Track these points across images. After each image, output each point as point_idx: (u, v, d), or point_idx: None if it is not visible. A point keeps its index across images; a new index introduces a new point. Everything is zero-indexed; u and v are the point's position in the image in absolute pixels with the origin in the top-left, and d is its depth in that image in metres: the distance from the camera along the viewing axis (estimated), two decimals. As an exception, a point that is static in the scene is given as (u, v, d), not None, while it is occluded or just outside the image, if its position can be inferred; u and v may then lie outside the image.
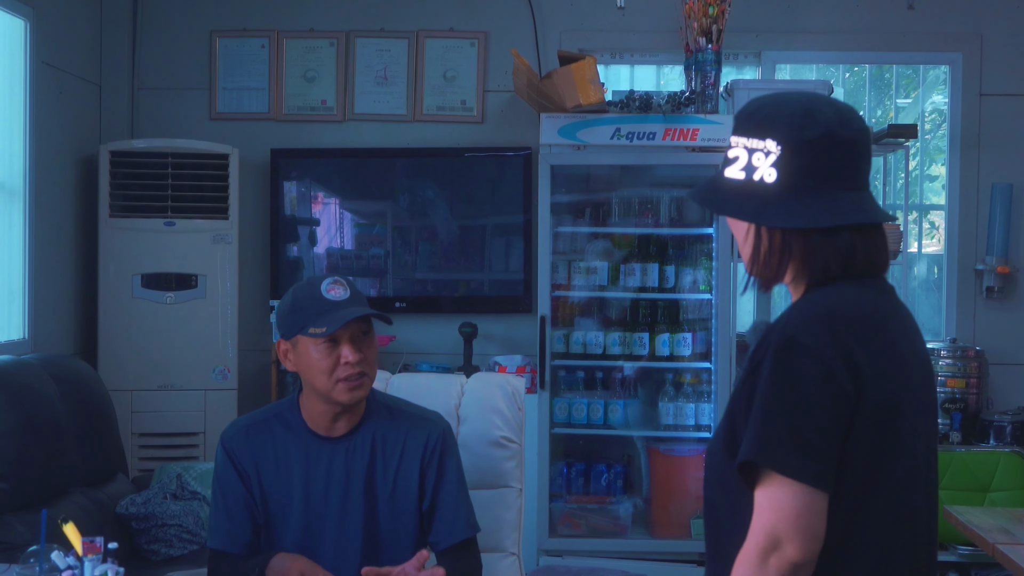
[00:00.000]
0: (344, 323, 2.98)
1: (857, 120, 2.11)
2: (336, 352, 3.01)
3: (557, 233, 6.03)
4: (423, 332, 6.27)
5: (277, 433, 3.15)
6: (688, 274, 5.99)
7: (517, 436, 3.77)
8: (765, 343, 2.02)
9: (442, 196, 6.38)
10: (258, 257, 6.40)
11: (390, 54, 6.44)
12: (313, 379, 3.05)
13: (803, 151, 2.04)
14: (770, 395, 1.95)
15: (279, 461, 3.12)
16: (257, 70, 6.49)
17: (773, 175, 2.05)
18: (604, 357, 6.00)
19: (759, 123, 2.09)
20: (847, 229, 2.05)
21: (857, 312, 2.02)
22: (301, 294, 3.08)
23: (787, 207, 2.04)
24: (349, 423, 3.13)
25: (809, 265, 2.06)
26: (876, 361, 1.98)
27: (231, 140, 6.13)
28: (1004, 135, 6.31)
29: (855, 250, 2.05)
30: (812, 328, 1.97)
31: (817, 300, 2.04)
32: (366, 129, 6.46)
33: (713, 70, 5.80)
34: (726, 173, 2.12)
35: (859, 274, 2.07)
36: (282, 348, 3.13)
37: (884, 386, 1.98)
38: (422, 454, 3.15)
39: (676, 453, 5.91)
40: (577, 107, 5.61)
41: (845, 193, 2.06)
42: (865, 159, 2.11)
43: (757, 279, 2.13)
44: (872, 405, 1.95)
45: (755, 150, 2.07)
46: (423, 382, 3.96)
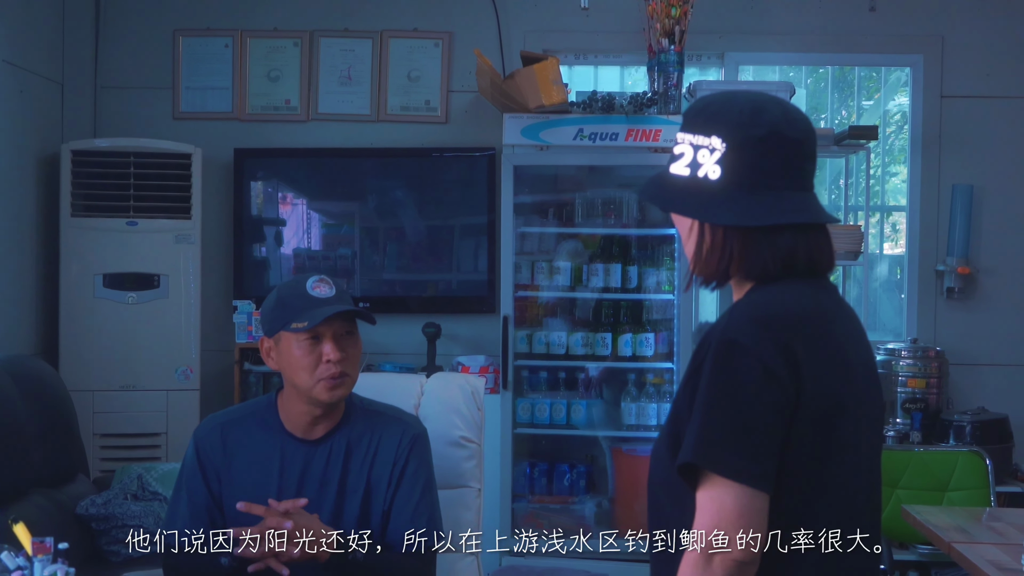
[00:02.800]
0: (326, 317, 2.96)
1: (803, 121, 2.11)
2: (318, 349, 3.00)
3: (521, 233, 6.02)
4: (387, 332, 6.20)
5: (253, 432, 3.13)
6: (651, 274, 5.98)
7: (476, 436, 3.76)
8: (706, 344, 2.02)
9: (408, 196, 6.36)
10: (221, 257, 6.37)
11: (354, 54, 6.42)
12: (294, 376, 3.03)
13: (748, 149, 2.04)
14: (710, 396, 1.95)
15: (252, 460, 3.09)
16: (221, 69, 6.45)
17: (717, 172, 2.04)
18: (567, 357, 5.99)
19: (706, 120, 2.09)
20: (789, 229, 2.04)
21: (797, 312, 2.02)
22: (286, 291, 3.07)
23: (729, 204, 2.04)
24: (327, 426, 3.11)
25: (749, 264, 2.06)
26: (817, 361, 1.97)
27: (194, 140, 6.09)
28: (965, 136, 6.33)
29: (796, 250, 2.05)
30: (751, 329, 1.97)
31: (757, 300, 2.04)
32: (330, 129, 6.44)
33: (676, 71, 5.79)
34: (672, 169, 2.12)
35: (801, 274, 2.07)
36: (265, 346, 3.11)
37: (825, 386, 1.98)
38: (394, 456, 3.13)
39: (639, 453, 5.89)
40: (540, 107, 5.60)
41: (788, 193, 2.05)
42: (810, 160, 2.11)
43: (700, 277, 2.13)
44: (813, 405, 1.95)
45: (700, 147, 2.07)
46: (383, 382, 3.96)
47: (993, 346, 6.30)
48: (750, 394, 1.93)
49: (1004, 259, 6.35)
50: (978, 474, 5.17)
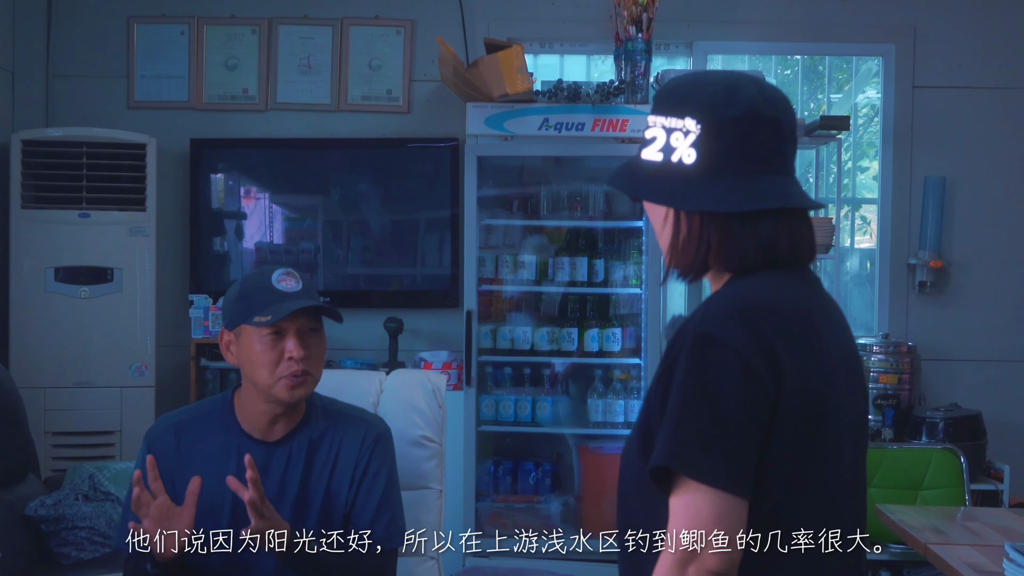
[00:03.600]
0: (291, 312, 2.84)
1: (782, 100, 1.99)
2: (280, 346, 2.87)
3: (486, 226, 5.92)
4: (349, 327, 5.96)
5: (208, 433, 2.99)
6: (618, 268, 5.89)
7: (437, 435, 3.65)
8: (680, 339, 1.89)
9: (371, 189, 6.23)
10: (177, 250, 6.23)
11: (314, 42, 6.28)
12: (254, 373, 2.89)
13: (724, 130, 1.92)
14: (685, 395, 1.83)
15: (209, 463, 2.93)
16: (176, 57, 6.31)
17: (692, 156, 1.93)
18: (532, 353, 5.89)
19: (678, 101, 1.97)
20: (769, 215, 1.93)
21: (778, 304, 1.90)
22: (250, 283, 2.93)
23: (706, 190, 1.92)
24: (287, 426, 2.99)
25: (726, 253, 1.94)
26: (799, 357, 1.85)
27: (149, 129, 5.95)
28: (937, 128, 6.25)
29: (777, 238, 1.93)
30: (729, 322, 1.84)
31: (735, 292, 1.92)
32: (289, 119, 6.30)
33: (643, 60, 5.69)
34: (643, 155, 1.99)
35: (782, 264, 1.95)
36: (224, 339, 2.97)
37: (808, 384, 1.85)
38: (356, 457, 3.01)
39: (606, 451, 5.79)
40: (504, 96, 5.48)
41: (767, 177, 1.94)
42: (790, 142, 1.99)
43: (677, 269, 2.01)
44: (794, 404, 1.83)
45: (673, 129, 1.95)
46: (341, 379, 3.81)
47: (966, 341, 6.22)
48: (727, 392, 1.81)
49: (976, 253, 6.26)
50: (952, 472, 5.10)
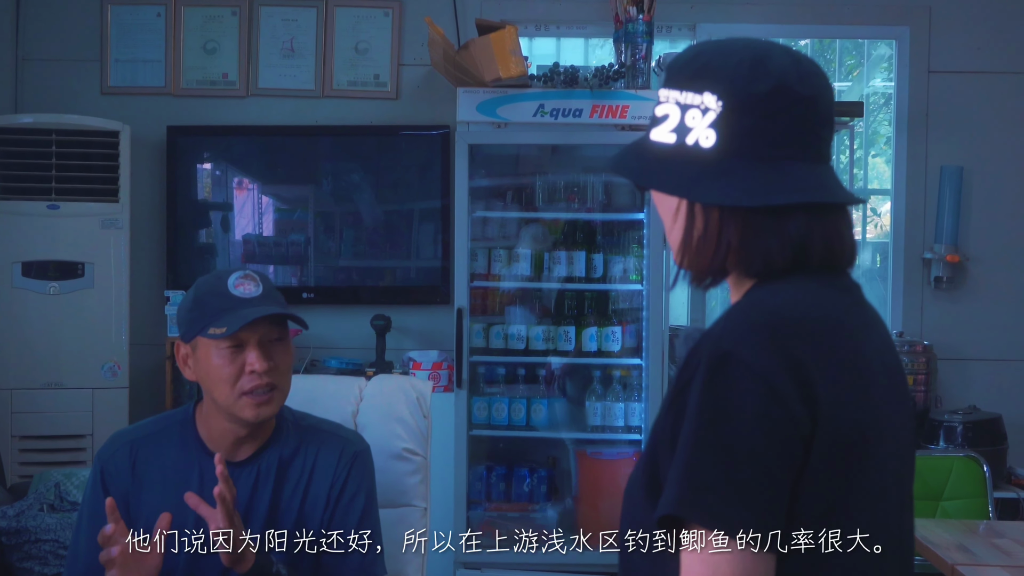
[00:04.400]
0: (247, 322, 2.55)
1: (819, 75, 1.68)
2: (241, 359, 2.59)
3: (478, 218, 5.64)
4: (334, 324, 5.86)
5: (167, 451, 2.70)
6: (618, 263, 5.60)
7: (422, 448, 3.36)
8: (695, 358, 1.58)
9: (358, 178, 5.93)
10: (153, 244, 5.94)
11: (297, 24, 5.98)
12: (213, 389, 2.61)
13: (749, 108, 1.62)
14: (699, 427, 1.52)
15: (167, 484, 2.66)
16: (152, 41, 6.01)
17: (711, 138, 1.63)
18: (527, 352, 5.61)
19: (696, 72, 1.66)
20: (800, 210, 1.62)
21: (811, 316, 1.59)
22: (203, 289, 2.64)
23: (727, 179, 1.62)
24: (254, 445, 2.70)
25: (749, 254, 1.64)
26: (836, 379, 1.55)
27: (124, 116, 5.67)
28: (954, 114, 5.94)
29: (810, 238, 1.63)
30: (753, 338, 1.54)
31: (759, 302, 1.61)
32: (271, 105, 6.01)
33: (644, 42, 5.39)
34: (653, 136, 1.69)
35: (815, 269, 1.64)
36: (181, 352, 2.68)
37: (847, 411, 1.55)
38: (331, 476, 2.73)
39: (605, 456, 5.53)
40: (497, 81, 5.18)
41: (800, 164, 1.64)
42: (827, 123, 1.69)
43: (689, 272, 1.70)
44: (831, 437, 1.53)
45: (689, 106, 1.65)
46: (316, 386, 3.51)
47: (984, 340, 5.92)
48: (750, 422, 1.50)
49: (995, 246, 5.97)
50: (975, 482, 4.82)
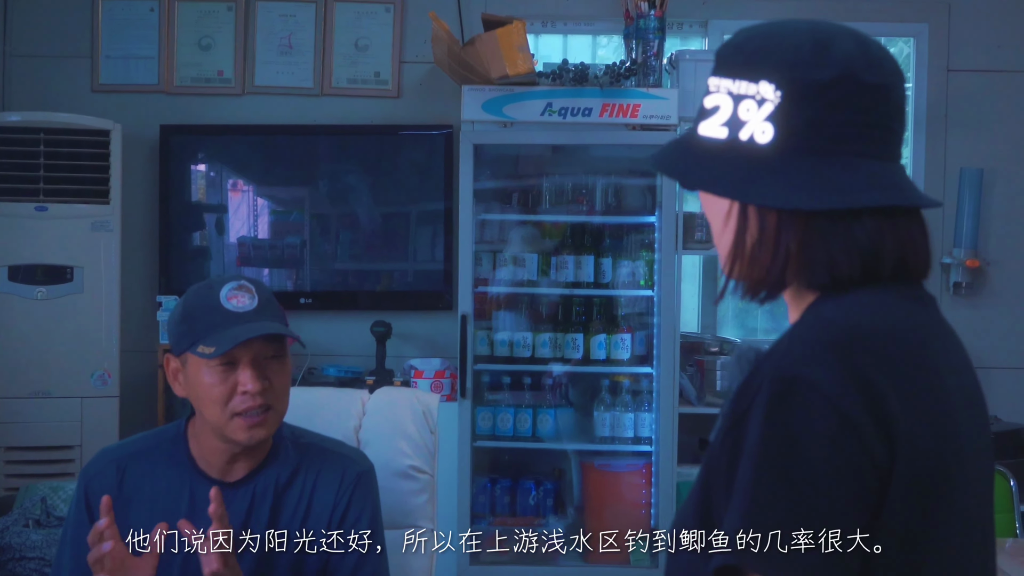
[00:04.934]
0: (239, 343, 2.36)
1: (888, 61, 1.49)
2: (233, 378, 2.40)
3: (482, 221, 5.47)
4: (332, 331, 5.69)
5: (157, 469, 2.52)
6: (627, 267, 5.43)
7: (428, 465, 3.18)
8: (754, 383, 1.39)
9: (357, 179, 5.76)
10: (145, 247, 5.76)
11: (295, 20, 5.81)
12: (204, 409, 2.43)
13: (812, 99, 1.44)
14: (761, 463, 1.33)
15: (156, 504, 2.48)
16: (146, 36, 5.84)
17: (768, 132, 1.45)
18: (533, 360, 5.44)
19: (750, 58, 1.48)
20: (869, 213, 1.44)
21: (886, 334, 1.41)
22: (194, 301, 2.45)
23: (786, 178, 1.44)
24: (249, 465, 2.52)
25: (811, 263, 1.45)
26: (916, 407, 1.37)
27: (116, 115, 5.48)
28: (973, 115, 5.77)
29: (881, 243, 1.45)
30: (823, 360, 1.35)
31: (828, 318, 1.42)
32: (268, 103, 5.83)
33: (656, 39, 5.23)
34: (701, 130, 1.50)
35: (887, 280, 1.46)
36: (171, 366, 2.49)
37: (927, 444, 1.37)
38: (334, 498, 2.55)
39: (613, 469, 5.36)
40: (503, 78, 5.01)
41: (868, 162, 1.45)
42: (898, 116, 1.50)
43: (744, 283, 1.51)
44: (910, 473, 1.35)
45: (743, 97, 1.46)
46: (316, 399, 3.33)
47: (1005, 347, 5.74)
48: (821, 458, 1.32)
49: (1016, 251, 5.80)
50: (1001, 497, 4.63)
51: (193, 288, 2.50)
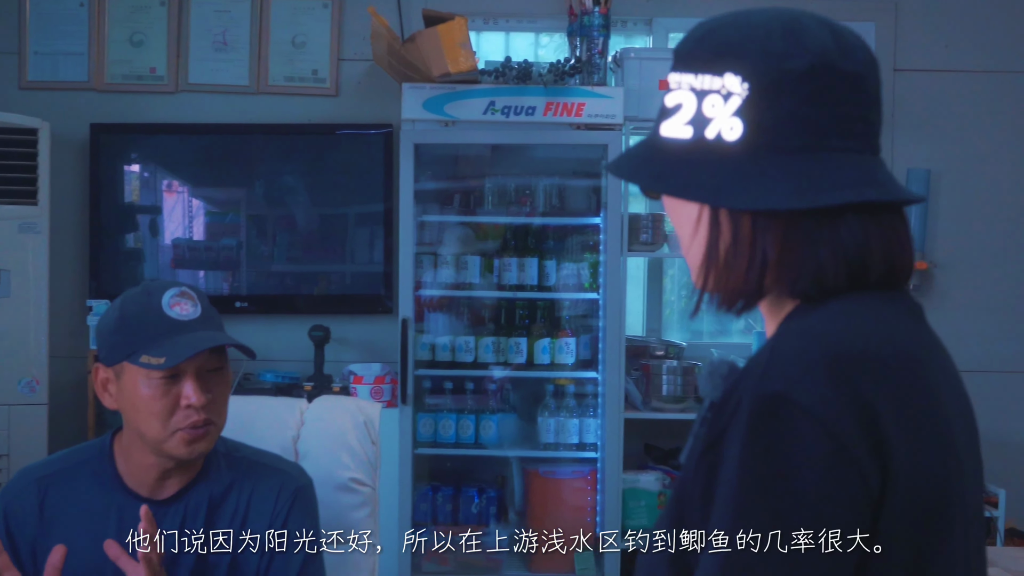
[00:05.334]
0: (193, 355, 2.24)
1: (862, 48, 1.37)
2: (175, 390, 2.27)
3: (423, 223, 5.35)
4: (270, 335, 5.53)
5: (81, 488, 2.37)
6: (571, 270, 5.33)
7: (370, 477, 3.05)
8: (730, 402, 1.27)
9: (295, 180, 5.61)
10: (75, 249, 5.59)
11: (230, 15, 5.65)
12: (141, 423, 2.28)
13: (783, 90, 1.32)
14: (741, 491, 1.21)
15: (80, 527, 2.33)
16: (75, 32, 5.65)
17: (736, 129, 1.32)
18: (475, 366, 5.31)
19: (714, 50, 1.35)
20: (852, 212, 1.32)
21: (879, 347, 1.29)
22: (133, 307, 2.30)
23: (758, 178, 1.31)
24: (181, 481, 2.38)
25: (792, 269, 1.33)
26: (913, 428, 1.25)
27: (44, 113, 5.28)
28: (921, 115, 5.70)
29: (867, 245, 1.33)
30: (811, 376, 1.23)
31: (814, 329, 1.30)
32: (202, 101, 5.67)
33: (601, 36, 5.12)
34: (664, 131, 1.38)
35: (874, 285, 1.34)
36: (100, 376, 2.34)
37: (925, 469, 1.25)
38: (270, 515, 2.42)
39: (558, 475, 5.26)
40: (445, 76, 4.88)
41: (848, 156, 1.33)
42: (875, 106, 1.38)
43: (719, 294, 1.39)
44: (905, 502, 1.23)
45: (708, 92, 1.34)
46: (251, 409, 3.17)
47: (953, 352, 5.56)
48: (812, 489, 1.20)
49: (963, 253, 5.73)
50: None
51: (129, 293, 2.36)
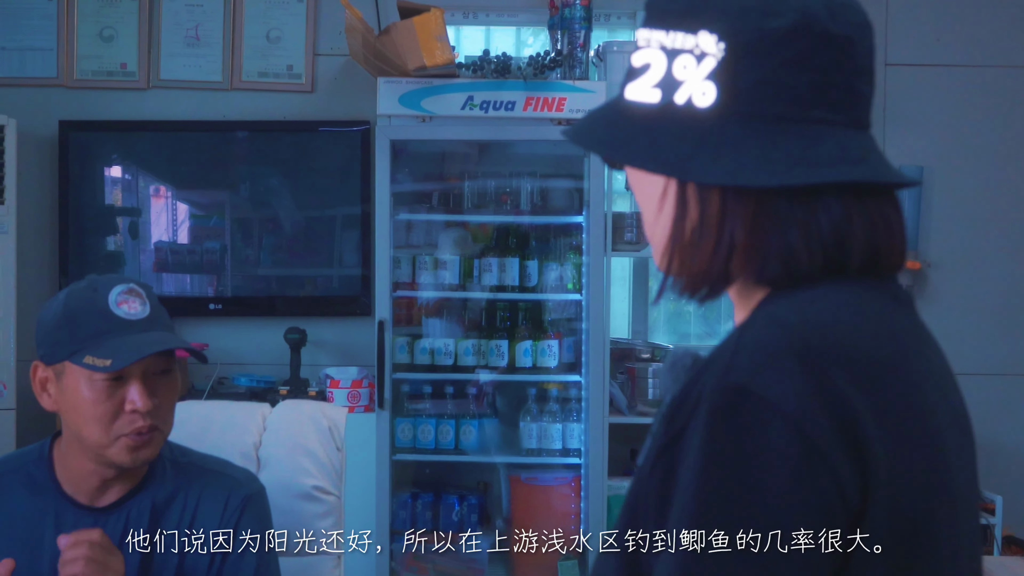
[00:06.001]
0: (142, 358, 2.09)
1: (854, 9, 1.23)
2: (120, 394, 2.13)
3: (401, 223, 5.21)
4: (246, 338, 5.41)
5: (16, 496, 2.24)
6: (554, 270, 5.18)
7: (335, 485, 2.94)
8: (691, 397, 1.13)
9: (269, 181, 5.46)
10: (43, 251, 5.44)
11: (202, 10, 5.50)
12: (82, 427, 2.14)
13: (762, 52, 1.17)
14: (701, 495, 1.08)
15: (14, 535, 2.20)
16: (43, 27, 5.51)
17: (709, 94, 1.18)
18: (455, 369, 5.17)
19: (689, 4, 1.21)
20: (833, 192, 1.18)
21: (863, 342, 1.15)
22: (77, 303, 2.15)
23: (731, 149, 1.17)
24: (123, 488, 2.24)
25: (761, 253, 1.20)
26: (898, 432, 1.12)
27: (10, 109, 5.13)
28: (912, 111, 5.56)
29: (848, 228, 1.19)
30: (778, 367, 1.09)
31: (783, 318, 1.16)
32: (174, 98, 5.52)
33: (583, 29, 4.97)
34: (629, 94, 1.23)
35: (855, 272, 1.21)
36: (39, 375, 2.19)
37: (911, 475, 1.12)
38: (218, 524, 2.27)
39: (541, 482, 5.12)
40: (421, 70, 4.73)
41: (832, 129, 1.19)
42: (865, 75, 1.24)
43: (681, 279, 1.24)
44: (889, 511, 1.10)
45: (680, 52, 1.20)
46: (211, 413, 3.05)
47: (948, 352, 5.48)
48: (778, 492, 1.06)
49: (957, 251, 5.60)
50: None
51: (73, 288, 2.21)
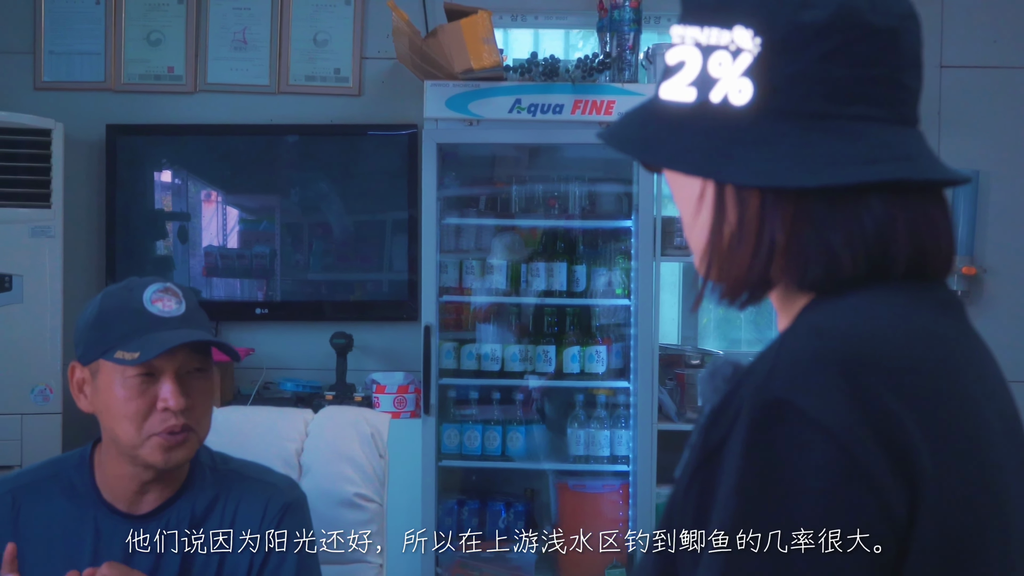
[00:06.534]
0: (168, 348, 2.07)
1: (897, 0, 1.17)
2: (152, 391, 2.11)
3: (448, 227, 5.19)
4: (292, 342, 5.40)
5: (55, 502, 2.21)
6: (602, 275, 5.14)
7: (377, 493, 2.91)
8: (730, 409, 1.08)
9: (318, 185, 5.45)
10: (90, 254, 5.46)
11: (249, 13, 5.50)
12: (115, 426, 2.12)
13: (800, 47, 1.12)
14: (739, 510, 1.03)
15: (53, 542, 2.18)
16: (91, 31, 5.53)
17: (746, 91, 1.13)
18: (502, 375, 5.13)
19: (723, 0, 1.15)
20: (877, 192, 1.13)
21: (910, 351, 1.09)
22: (112, 302, 2.14)
23: (769, 148, 1.12)
24: (162, 495, 2.21)
25: (802, 256, 1.14)
26: (947, 445, 1.06)
27: (59, 114, 5.15)
28: (968, 114, 5.47)
29: (893, 231, 1.14)
30: (819, 379, 1.04)
31: (826, 326, 1.11)
32: (221, 102, 5.53)
33: (632, 31, 4.93)
34: (664, 93, 1.18)
35: (899, 278, 1.15)
36: (76, 376, 2.19)
37: (960, 492, 1.06)
38: (257, 529, 2.24)
39: (588, 489, 5.07)
40: (468, 73, 4.70)
41: (875, 127, 1.14)
42: (912, 68, 1.18)
43: (720, 284, 1.19)
44: (938, 530, 1.03)
45: (715, 48, 1.15)
46: (253, 420, 3.04)
47: (1004, 360, 5.17)
48: (818, 508, 1.01)
49: (1014, 257, 5.49)
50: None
51: (110, 289, 2.21)
